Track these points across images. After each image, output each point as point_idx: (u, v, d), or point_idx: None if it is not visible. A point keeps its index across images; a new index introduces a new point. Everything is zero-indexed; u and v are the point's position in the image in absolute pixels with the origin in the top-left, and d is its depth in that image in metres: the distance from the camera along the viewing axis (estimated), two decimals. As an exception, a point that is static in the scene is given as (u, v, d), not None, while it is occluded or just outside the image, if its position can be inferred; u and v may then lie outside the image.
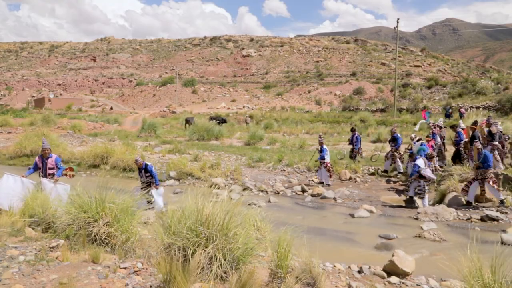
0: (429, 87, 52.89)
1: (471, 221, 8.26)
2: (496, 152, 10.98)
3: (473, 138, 11.18)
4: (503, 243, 6.57)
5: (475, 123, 11.71)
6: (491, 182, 9.00)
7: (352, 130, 14.27)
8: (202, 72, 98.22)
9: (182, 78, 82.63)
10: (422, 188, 9.34)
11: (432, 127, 13.08)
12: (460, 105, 28.45)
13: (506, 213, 8.52)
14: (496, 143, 11.10)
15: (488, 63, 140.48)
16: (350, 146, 14.26)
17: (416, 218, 8.54)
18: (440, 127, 13.23)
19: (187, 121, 29.12)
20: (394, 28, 37.41)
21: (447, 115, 28.47)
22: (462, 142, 11.98)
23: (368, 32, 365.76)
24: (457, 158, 11.85)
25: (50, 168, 7.59)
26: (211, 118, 29.41)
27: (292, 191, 11.53)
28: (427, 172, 9.27)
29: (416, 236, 7.38)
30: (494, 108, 34.63)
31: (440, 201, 9.80)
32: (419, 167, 9.25)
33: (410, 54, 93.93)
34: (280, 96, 64.19)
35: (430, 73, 73.58)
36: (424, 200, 9.43)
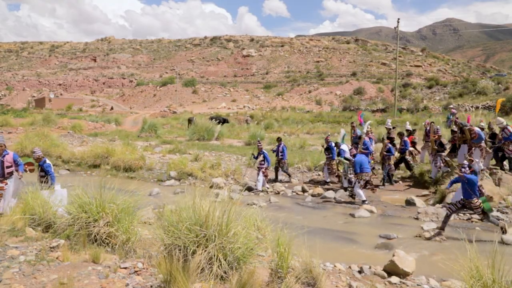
0: (430, 87, 53.01)
1: (472, 221, 8.27)
2: (439, 159, 11.37)
3: (441, 145, 11.52)
4: (503, 243, 6.57)
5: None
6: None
7: (278, 140, 12.94)
8: (202, 72, 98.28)
9: (182, 78, 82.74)
10: (344, 168, 11.12)
11: (370, 132, 13.14)
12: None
13: (506, 213, 8.53)
14: (444, 154, 11.43)
15: (488, 63, 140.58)
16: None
17: (417, 218, 8.54)
18: (389, 128, 13.31)
19: (190, 121, 29.12)
20: (395, 28, 37.40)
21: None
22: (406, 151, 12.27)
23: (368, 32, 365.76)
24: (400, 164, 12.48)
25: (7, 167, 7.11)
26: (212, 118, 29.39)
27: (292, 191, 11.53)
28: (346, 155, 11.08)
29: (416, 236, 7.39)
30: (495, 108, 34.61)
31: (440, 201, 9.81)
32: (344, 151, 11.22)
33: (410, 54, 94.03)
34: (280, 96, 64.22)
35: (431, 73, 73.68)
36: (345, 181, 10.97)
